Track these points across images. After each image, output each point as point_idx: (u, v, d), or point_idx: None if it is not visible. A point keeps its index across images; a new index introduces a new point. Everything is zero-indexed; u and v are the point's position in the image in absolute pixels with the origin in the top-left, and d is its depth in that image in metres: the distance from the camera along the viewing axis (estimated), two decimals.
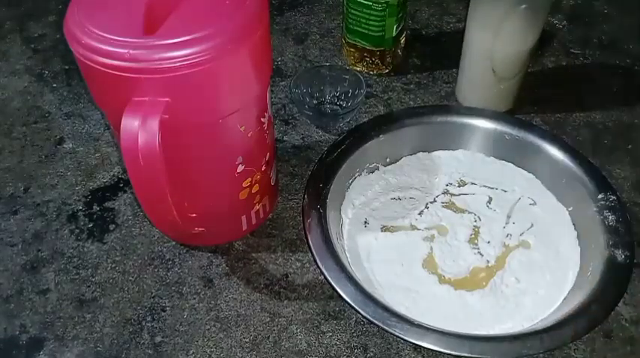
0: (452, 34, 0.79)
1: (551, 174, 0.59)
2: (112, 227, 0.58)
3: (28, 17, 0.83)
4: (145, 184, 0.42)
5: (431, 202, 0.59)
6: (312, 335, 0.50)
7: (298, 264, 0.55)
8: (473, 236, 0.56)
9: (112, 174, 0.63)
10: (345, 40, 0.72)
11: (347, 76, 0.68)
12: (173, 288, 0.54)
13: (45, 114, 0.70)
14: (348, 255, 0.54)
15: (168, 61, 0.39)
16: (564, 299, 0.51)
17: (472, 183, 0.61)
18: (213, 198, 0.52)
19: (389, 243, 0.55)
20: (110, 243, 0.57)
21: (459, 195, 0.60)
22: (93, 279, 0.54)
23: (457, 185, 0.61)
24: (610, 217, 0.53)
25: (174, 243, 0.57)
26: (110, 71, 0.39)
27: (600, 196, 0.54)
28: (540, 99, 0.70)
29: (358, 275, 0.51)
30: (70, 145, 0.66)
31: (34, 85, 0.73)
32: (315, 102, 0.68)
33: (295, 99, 0.66)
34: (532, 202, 0.59)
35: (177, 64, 0.39)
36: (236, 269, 0.55)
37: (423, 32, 0.80)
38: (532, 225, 0.57)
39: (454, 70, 0.71)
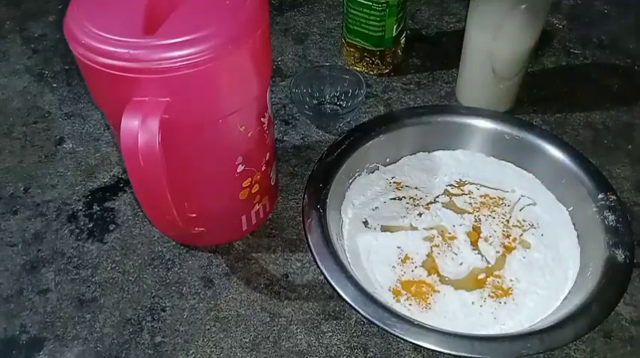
0: (452, 34, 0.79)
1: (551, 174, 0.59)
2: (112, 227, 0.58)
3: (28, 17, 0.83)
4: (145, 184, 0.42)
5: (431, 202, 0.59)
6: (312, 335, 0.50)
7: (298, 264, 0.55)
8: (473, 236, 0.56)
9: (112, 174, 0.63)
10: (345, 40, 0.72)
11: (347, 76, 0.68)
12: (173, 288, 0.54)
13: (45, 114, 0.70)
14: (348, 255, 0.54)
15: (168, 61, 0.39)
16: (564, 299, 0.51)
17: (472, 183, 0.61)
18: (213, 198, 0.52)
19: (389, 243, 0.55)
20: (110, 243, 0.57)
21: (459, 195, 0.60)
22: (93, 279, 0.54)
23: (457, 185, 0.61)
24: (610, 217, 0.53)
25: (174, 243, 0.57)
26: (110, 71, 0.39)
27: (600, 196, 0.54)
28: (540, 99, 0.70)
29: (358, 276, 0.51)
30: (70, 145, 0.66)
31: (34, 85, 0.73)
32: (315, 102, 0.68)
33: (295, 99, 0.66)
34: (532, 202, 0.59)
35: (177, 64, 0.39)
36: (236, 269, 0.55)
37: (423, 32, 0.80)
38: (532, 225, 0.57)
39: (454, 70, 0.71)
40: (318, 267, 0.50)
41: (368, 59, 0.72)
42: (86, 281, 0.54)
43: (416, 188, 0.60)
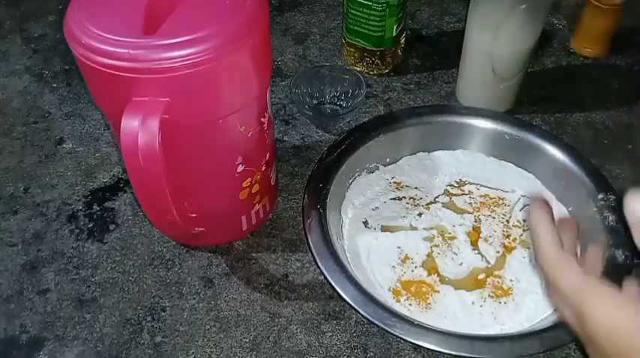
0: (452, 34, 0.79)
1: (551, 174, 0.59)
2: (112, 227, 0.58)
3: (28, 17, 0.83)
4: (145, 184, 0.42)
5: (431, 202, 0.59)
6: (312, 335, 0.50)
7: (298, 264, 0.55)
8: (473, 236, 0.56)
9: (112, 174, 0.63)
10: (345, 40, 0.72)
11: (347, 76, 0.68)
12: (173, 288, 0.54)
13: (45, 114, 0.70)
14: (348, 255, 0.54)
15: (168, 61, 0.39)
16: None
17: (472, 183, 0.61)
18: (213, 198, 0.52)
19: (389, 243, 0.55)
20: (110, 243, 0.57)
21: (459, 195, 0.60)
22: (93, 279, 0.54)
23: (457, 185, 0.61)
24: (610, 217, 0.53)
25: (174, 243, 0.57)
26: (110, 71, 0.39)
27: (600, 196, 0.54)
28: (540, 99, 0.70)
29: (358, 276, 0.51)
30: (70, 145, 0.66)
31: (34, 85, 0.73)
32: (315, 102, 0.68)
33: (295, 99, 0.66)
34: None
35: (177, 64, 0.39)
36: (236, 269, 0.55)
37: (423, 32, 0.80)
38: None
39: (454, 70, 0.71)
40: (318, 267, 0.50)
41: (368, 59, 0.72)
42: (86, 281, 0.54)
43: (416, 188, 0.60)
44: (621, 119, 0.68)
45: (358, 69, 0.73)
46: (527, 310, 0.50)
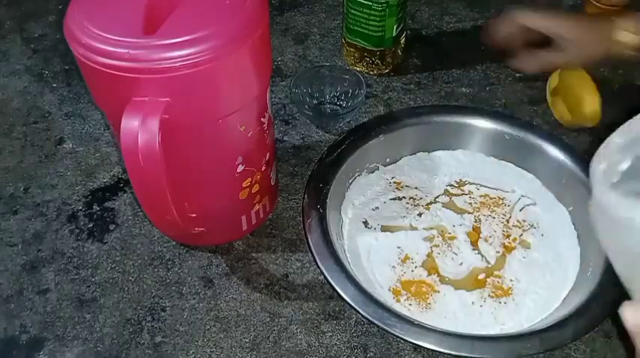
0: (452, 34, 0.79)
1: (551, 174, 0.59)
2: (112, 227, 0.58)
3: (28, 17, 0.83)
4: (145, 184, 0.42)
5: (431, 202, 0.59)
6: (312, 335, 0.50)
7: (298, 264, 0.55)
8: (473, 236, 0.56)
9: (112, 174, 0.63)
10: (345, 40, 0.72)
11: (347, 76, 0.68)
12: (173, 288, 0.54)
13: (45, 114, 0.70)
14: (348, 255, 0.54)
15: (168, 61, 0.39)
16: (564, 299, 0.51)
17: (472, 183, 0.61)
18: (213, 198, 0.52)
19: (389, 243, 0.55)
20: (110, 243, 0.57)
21: (459, 195, 0.60)
22: (93, 279, 0.54)
23: (457, 185, 0.61)
24: None
25: (174, 243, 0.57)
26: (110, 71, 0.39)
27: None
28: (540, 99, 0.70)
29: (358, 276, 0.51)
30: (70, 145, 0.66)
31: (34, 85, 0.73)
32: (315, 102, 0.68)
33: (295, 99, 0.66)
34: (532, 202, 0.59)
35: (177, 64, 0.39)
36: (236, 269, 0.55)
37: (423, 32, 0.80)
38: (532, 225, 0.57)
39: (454, 69, 0.71)
40: (318, 267, 0.50)
41: (368, 59, 0.72)
42: (86, 281, 0.54)
43: (416, 188, 0.60)
44: (621, 119, 0.68)
45: (358, 69, 0.73)
46: (527, 310, 0.50)
